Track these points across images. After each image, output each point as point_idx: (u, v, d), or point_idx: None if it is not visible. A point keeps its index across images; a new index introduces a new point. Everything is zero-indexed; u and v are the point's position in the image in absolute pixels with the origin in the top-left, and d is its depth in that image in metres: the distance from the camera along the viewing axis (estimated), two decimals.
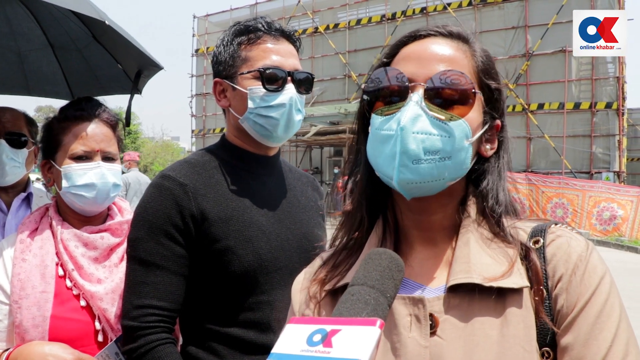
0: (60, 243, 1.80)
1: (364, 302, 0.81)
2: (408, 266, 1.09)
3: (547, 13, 21.99)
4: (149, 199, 1.69)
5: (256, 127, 1.77)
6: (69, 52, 2.98)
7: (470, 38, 1.11)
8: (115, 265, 1.87)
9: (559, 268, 0.98)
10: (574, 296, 0.96)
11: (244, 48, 1.77)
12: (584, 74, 22.12)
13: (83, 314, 1.77)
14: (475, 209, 1.08)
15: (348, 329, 0.72)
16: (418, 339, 0.97)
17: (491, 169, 1.10)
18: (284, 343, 0.75)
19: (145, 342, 1.60)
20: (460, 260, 1.01)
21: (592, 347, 0.92)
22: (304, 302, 1.19)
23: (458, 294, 0.99)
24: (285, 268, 1.75)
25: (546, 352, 0.95)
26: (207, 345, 1.70)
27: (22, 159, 2.44)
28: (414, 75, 1.03)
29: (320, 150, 29.23)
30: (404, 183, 1.01)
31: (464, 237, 1.04)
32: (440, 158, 1.00)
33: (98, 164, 1.86)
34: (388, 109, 1.05)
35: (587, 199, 17.94)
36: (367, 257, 0.89)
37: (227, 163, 1.82)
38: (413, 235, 1.13)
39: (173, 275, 1.65)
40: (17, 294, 1.70)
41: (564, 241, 1.01)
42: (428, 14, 25.32)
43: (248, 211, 1.74)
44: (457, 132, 1.01)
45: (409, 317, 1.00)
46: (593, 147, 21.70)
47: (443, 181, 1.03)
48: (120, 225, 1.92)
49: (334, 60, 28.08)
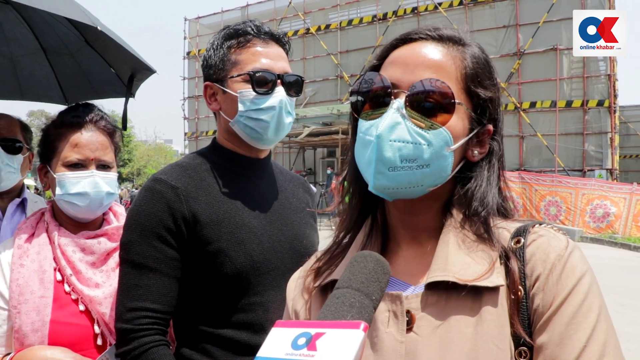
0: (57, 248, 1.81)
1: (348, 304, 0.80)
2: (394, 264, 1.11)
3: (538, 12, 22.12)
4: (141, 202, 1.70)
5: (247, 129, 1.78)
6: (62, 56, 2.98)
7: (464, 40, 1.10)
8: (112, 269, 1.87)
9: (537, 268, 0.98)
10: (549, 296, 0.95)
11: (233, 52, 1.78)
12: (576, 72, 22.25)
13: (82, 318, 1.78)
14: (460, 211, 1.08)
15: (332, 332, 0.72)
16: (395, 335, 0.99)
17: (478, 173, 1.09)
18: (269, 347, 0.75)
19: (139, 345, 1.60)
20: (438, 260, 1.01)
21: (566, 347, 0.91)
22: (295, 297, 1.21)
23: (435, 292, 0.99)
24: (278, 269, 1.76)
25: (523, 351, 0.95)
26: (200, 347, 1.70)
27: (17, 165, 2.45)
28: (399, 81, 1.04)
29: (314, 151, 29.29)
30: (380, 188, 1.03)
31: (445, 237, 1.05)
32: (418, 166, 1.01)
33: (92, 173, 1.86)
34: (372, 113, 1.05)
35: (581, 197, 18.02)
36: (353, 259, 0.90)
37: (219, 166, 1.83)
38: (400, 234, 1.14)
39: (166, 277, 1.66)
40: (16, 299, 1.70)
41: (543, 241, 1.00)
42: (419, 13, 25.41)
43: (240, 213, 1.75)
44: (437, 140, 1.01)
45: (387, 313, 1.01)
46: (585, 145, 21.83)
47: (422, 187, 1.04)
48: (117, 230, 1.92)
49: (325, 61, 28.14)
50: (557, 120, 21.85)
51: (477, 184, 1.08)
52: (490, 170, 1.11)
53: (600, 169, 21.60)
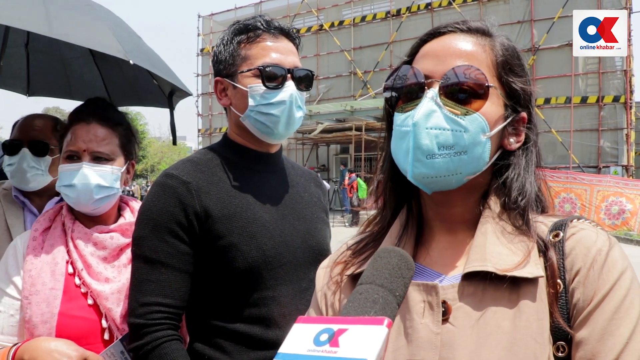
0: (70, 241, 1.82)
1: (372, 300, 0.80)
2: (428, 255, 1.12)
3: (553, 7, 21.92)
4: (152, 198, 1.71)
5: (257, 124, 1.78)
6: (109, 63, 3.05)
7: (492, 32, 1.12)
8: (124, 265, 1.88)
9: (577, 261, 0.97)
10: (590, 290, 0.94)
11: (243, 47, 1.79)
12: (591, 68, 22.03)
13: (90, 312, 1.79)
14: (498, 202, 1.08)
15: (355, 328, 0.72)
16: (430, 326, 0.99)
17: (516, 162, 1.10)
18: (291, 343, 0.75)
19: (152, 339, 1.62)
20: (476, 250, 1.02)
21: (608, 342, 0.90)
22: (325, 284, 1.22)
23: (472, 282, 1.00)
24: (289, 264, 1.77)
25: (561, 346, 0.94)
26: (213, 341, 1.71)
27: (44, 166, 2.46)
28: (431, 72, 1.06)
29: (327, 147, 29.27)
30: (419, 177, 1.03)
31: (482, 227, 1.05)
32: (456, 153, 1.01)
33: (81, 165, 1.84)
34: (407, 106, 1.07)
35: (596, 194, 17.86)
36: (376, 255, 0.89)
37: (230, 161, 1.83)
38: (435, 226, 1.15)
39: (178, 272, 1.67)
40: (28, 290, 1.72)
41: (583, 235, 1.00)
42: (433, 9, 25.29)
43: (251, 208, 1.76)
44: (472, 126, 1.02)
45: (422, 304, 1.01)
46: (601, 141, 21.62)
47: (461, 175, 1.04)
48: (130, 226, 1.91)
49: (339, 58, 28.07)
50: (572, 117, 21.66)
51: (516, 172, 1.09)
52: (528, 159, 1.11)
53: (615, 165, 21.39)
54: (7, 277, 1.76)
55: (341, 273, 1.18)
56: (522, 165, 1.10)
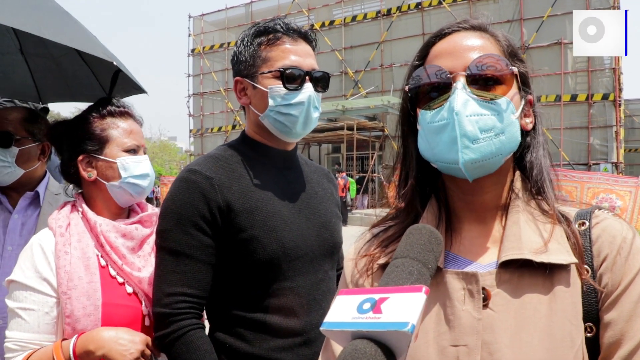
0: (101, 235, 1.85)
1: (408, 272, 0.84)
2: (459, 243, 1.17)
3: (542, 6, 22.03)
4: (176, 192, 1.76)
5: (276, 124, 1.85)
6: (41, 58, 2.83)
7: (490, 28, 1.19)
8: (148, 254, 1.94)
9: (604, 248, 1.05)
10: (618, 275, 1.02)
11: (264, 48, 1.85)
12: (580, 66, 22.16)
13: (132, 300, 1.84)
14: (522, 185, 1.16)
15: (395, 296, 0.75)
16: (471, 312, 1.04)
17: (534, 141, 1.18)
18: (336, 312, 0.77)
19: (178, 328, 1.68)
20: (511, 238, 1.08)
21: (635, 323, 0.98)
22: (357, 273, 1.25)
23: (508, 269, 1.05)
24: (306, 256, 1.83)
25: (589, 327, 1.02)
26: (233, 330, 1.77)
27: (10, 158, 2.37)
28: (452, 68, 1.10)
29: (319, 147, 29.25)
30: (469, 164, 1.07)
31: (514, 216, 1.11)
32: (495, 134, 1.07)
33: (146, 157, 2.01)
34: (435, 103, 1.12)
35: (586, 191, 17.93)
36: (408, 232, 0.93)
37: (249, 157, 1.89)
38: (464, 215, 1.20)
39: (201, 264, 1.73)
40: (66, 285, 1.73)
41: (608, 223, 1.09)
42: (423, 9, 25.35)
43: (271, 202, 1.81)
44: (503, 109, 1.08)
45: (462, 291, 1.07)
46: (590, 138, 21.78)
47: (501, 157, 1.10)
48: (150, 218, 2.00)
49: (330, 57, 28.02)
50: (561, 115, 21.77)
51: (537, 151, 1.17)
52: (541, 136, 1.20)
53: (605, 162, 21.55)
54: (38, 275, 1.76)
55: (371, 262, 1.22)
56: (540, 142, 1.19)
